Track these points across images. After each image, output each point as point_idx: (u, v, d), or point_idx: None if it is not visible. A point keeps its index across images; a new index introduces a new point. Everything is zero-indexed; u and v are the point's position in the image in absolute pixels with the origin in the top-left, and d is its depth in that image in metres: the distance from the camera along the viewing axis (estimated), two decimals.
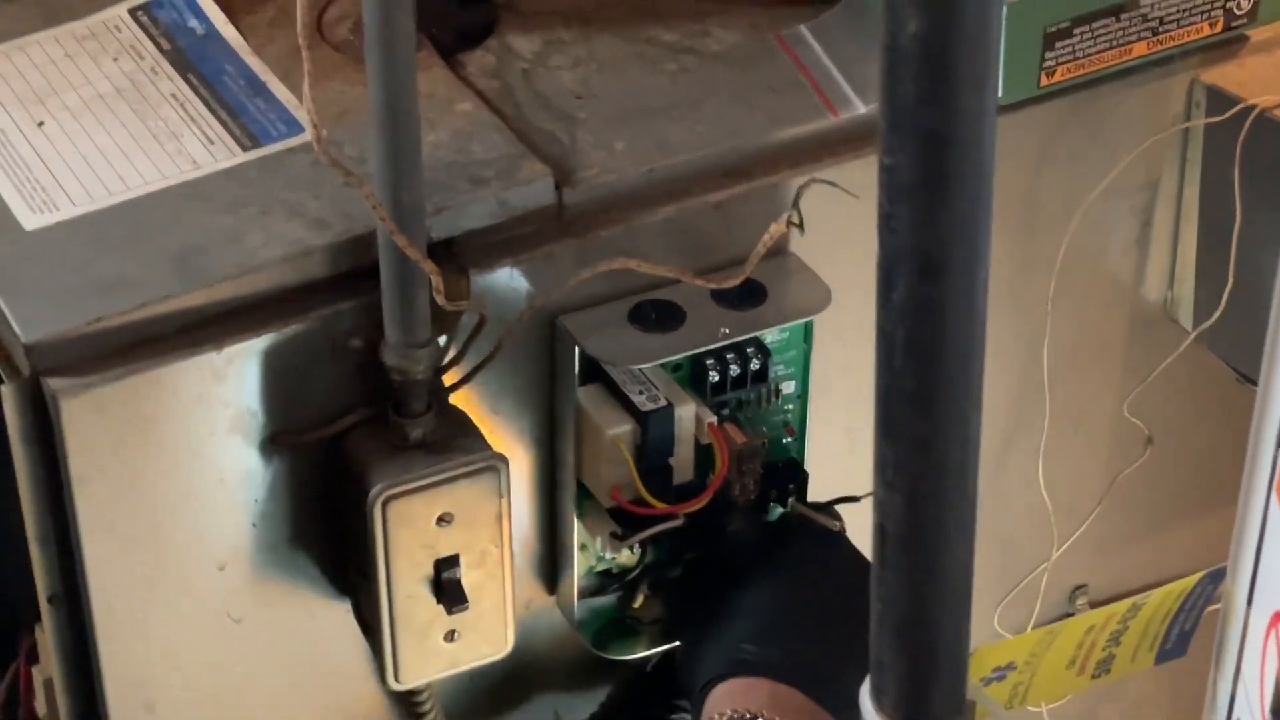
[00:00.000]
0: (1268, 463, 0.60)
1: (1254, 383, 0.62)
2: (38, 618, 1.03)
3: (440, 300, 0.94)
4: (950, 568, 0.66)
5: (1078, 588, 1.18)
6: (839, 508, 1.09)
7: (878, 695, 0.70)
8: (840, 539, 1.06)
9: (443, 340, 0.99)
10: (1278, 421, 0.59)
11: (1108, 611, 0.74)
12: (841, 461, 1.13)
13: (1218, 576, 0.70)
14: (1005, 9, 1.03)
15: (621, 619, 1.08)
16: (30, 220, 0.98)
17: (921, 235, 0.60)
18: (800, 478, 1.09)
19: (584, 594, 1.07)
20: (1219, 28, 1.10)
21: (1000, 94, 1.06)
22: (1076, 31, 1.06)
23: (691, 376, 1.04)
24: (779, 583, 1.02)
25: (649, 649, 1.08)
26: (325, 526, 1.02)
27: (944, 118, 0.58)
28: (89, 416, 0.93)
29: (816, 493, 1.09)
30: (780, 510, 1.08)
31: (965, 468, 0.64)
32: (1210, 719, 0.67)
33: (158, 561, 0.99)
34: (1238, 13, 1.10)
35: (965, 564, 0.67)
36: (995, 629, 1.14)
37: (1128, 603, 0.74)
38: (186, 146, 1.01)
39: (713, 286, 1.00)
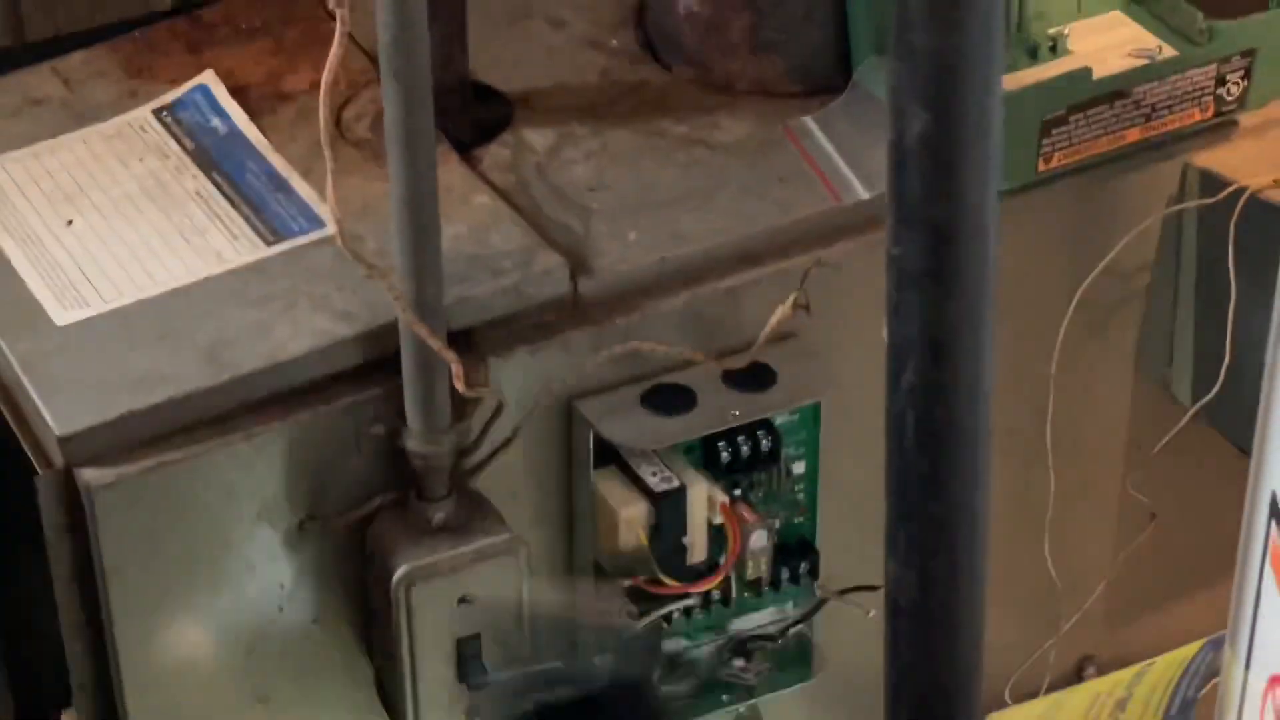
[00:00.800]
0: (1261, 531, 0.63)
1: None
2: (66, 702, 1.05)
3: (460, 388, 0.97)
4: (962, 640, 0.69)
5: (1085, 658, 1.21)
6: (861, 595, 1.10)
7: None
8: None
9: (463, 427, 1.01)
10: (1270, 491, 0.62)
11: (1113, 679, 0.76)
12: (853, 539, 1.15)
13: (1219, 643, 0.73)
14: (1004, 97, 1.06)
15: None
16: (61, 316, 1.01)
17: (929, 323, 0.63)
18: (812, 557, 1.11)
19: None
20: (1210, 113, 1.13)
21: (1000, 181, 1.09)
22: (1072, 119, 1.10)
23: (704, 458, 1.07)
24: None
25: None
26: (350, 608, 1.04)
27: (949, 211, 0.61)
28: (122, 506, 0.95)
29: (828, 571, 1.12)
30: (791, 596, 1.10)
31: (974, 544, 0.67)
32: None
33: (188, 647, 1.01)
34: (1228, 99, 1.13)
35: (976, 636, 0.69)
36: (1006, 701, 1.17)
37: (1133, 670, 0.76)
38: (212, 242, 1.04)
39: (722, 368, 1.03)
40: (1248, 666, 0.65)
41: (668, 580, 1.05)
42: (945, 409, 0.64)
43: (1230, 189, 1.12)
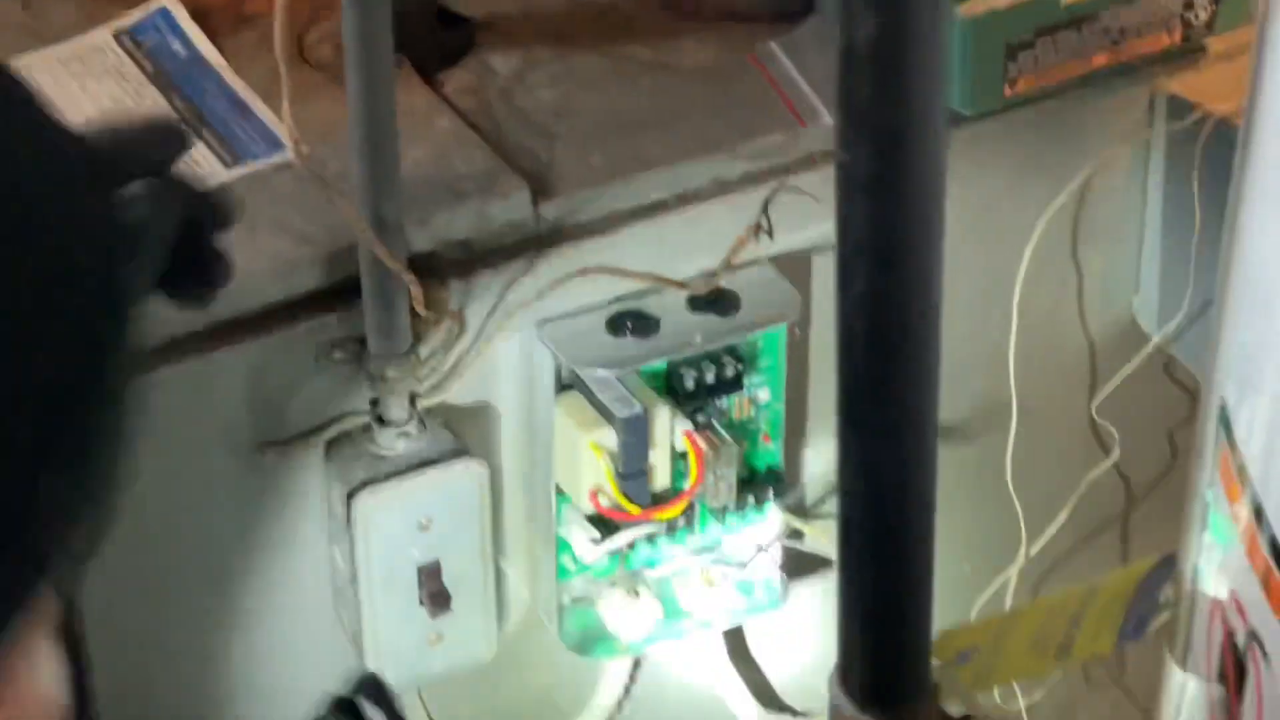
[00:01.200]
0: (1209, 452, 0.63)
1: None
2: None
3: (420, 310, 0.97)
4: (912, 553, 0.69)
5: (1049, 585, 1.21)
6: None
7: (844, 678, 0.73)
8: None
9: (424, 350, 1.01)
10: (1219, 399, 0.62)
11: (1066, 596, 0.76)
12: (819, 466, 1.15)
13: (1173, 560, 0.73)
14: (970, 22, 1.06)
15: (601, 622, 1.10)
16: None
17: (878, 230, 0.63)
18: (778, 483, 1.11)
19: (563, 598, 1.10)
20: (1178, 38, 1.13)
21: (965, 106, 1.08)
22: (1039, 43, 1.09)
23: (668, 385, 1.07)
24: None
25: (628, 652, 1.10)
26: (312, 531, 1.04)
27: (897, 117, 0.60)
28: None
29: (794, 498, 1.12)
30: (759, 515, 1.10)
31: (924, 454, 0.67)
32: (1163, 694, 0.70)
33: (149, 573, 1.01)
34: (1196, 23, 1.13)
35: (927, 549, 0.69)
36: None
37: (1086, 585, 0.76)
38: None
39: (686, 293, 1.02)
40: (1197, 579, 0.65)
41: (630, 506, 1.05)
42: (894, 317, 0.64)
43: (1197, 114, 1.12)
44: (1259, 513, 0.58)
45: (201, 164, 1.04)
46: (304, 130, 1.04)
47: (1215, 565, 0.63)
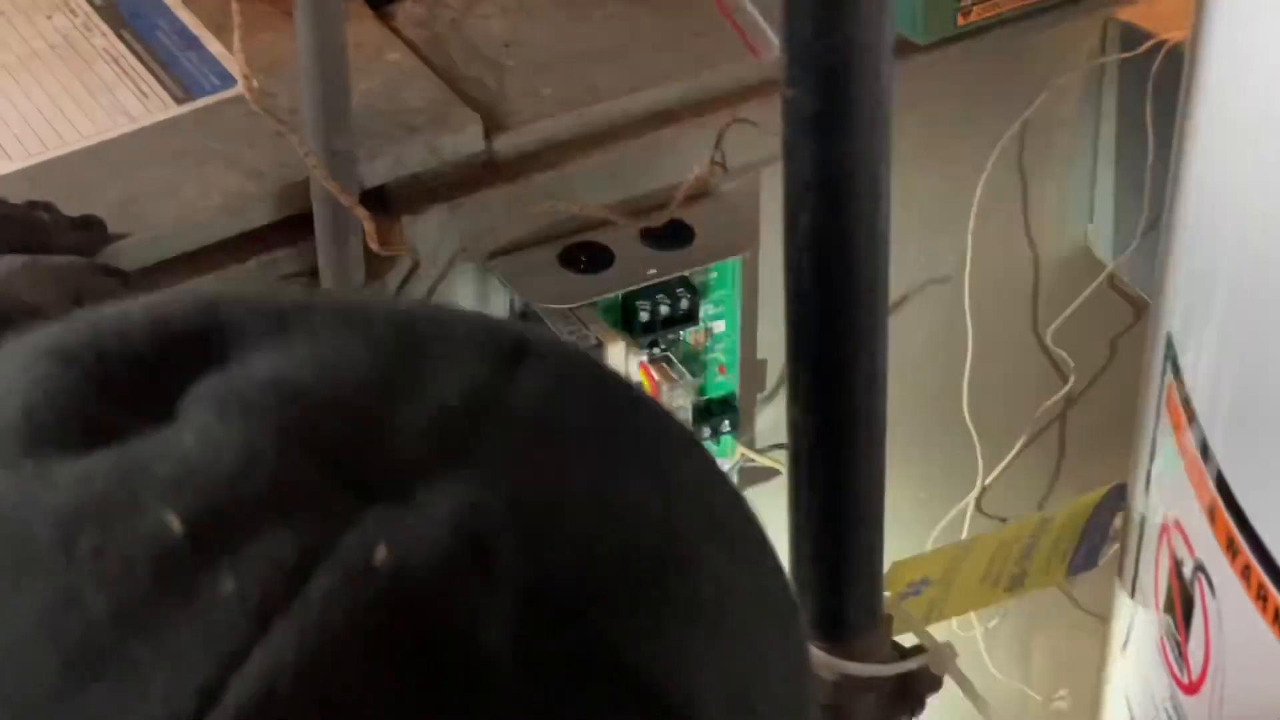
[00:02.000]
0: (1157, 373, 0.63)
1: None
2: None
3: (373, 245, 0.96)
4: (861, 484, 0.69)
5: (1004, 519, 1.22)
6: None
7: None
8: None
9: (377, 285, 1.01)
10: (1165, 333, 0.62)
11: (1019, 525, 0.77)
12: (777, 400, 1.16)
13: (1122, 491, 0.73)
14: None
15: None
16: None
17: (824, 165, 0.63)
18: (733, 415, 1.11)
19: None
20: None
21: (918, 34, 1.08)
22: None
23: (623, 318, 1.06)
24: None
25: None
26: None
27: (841, 52, 0.60)
28: None
29: (750, 430, 1.12)
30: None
31: (873, 386, 0.67)
32: (1113, 623, 0.70)
33: None
34: None
35: (877, 480, 0.70)
36: None
37: (1038, 516, 0.77)
38: (121, 100, 1.03)
39: (639, 225, 1.02)
40: (1145, 508, 0.66)
41: None
42: (841, 251, 0.64)
43: (1150, 42, 1.11)
44: (1204, 445, 0.59)
45: (152, 98, 1.04)
46: (255, 64, 1.03)
47: (1162, 496, 0.63)
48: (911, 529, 1.19)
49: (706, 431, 1.10)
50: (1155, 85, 1.11)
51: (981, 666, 1.29)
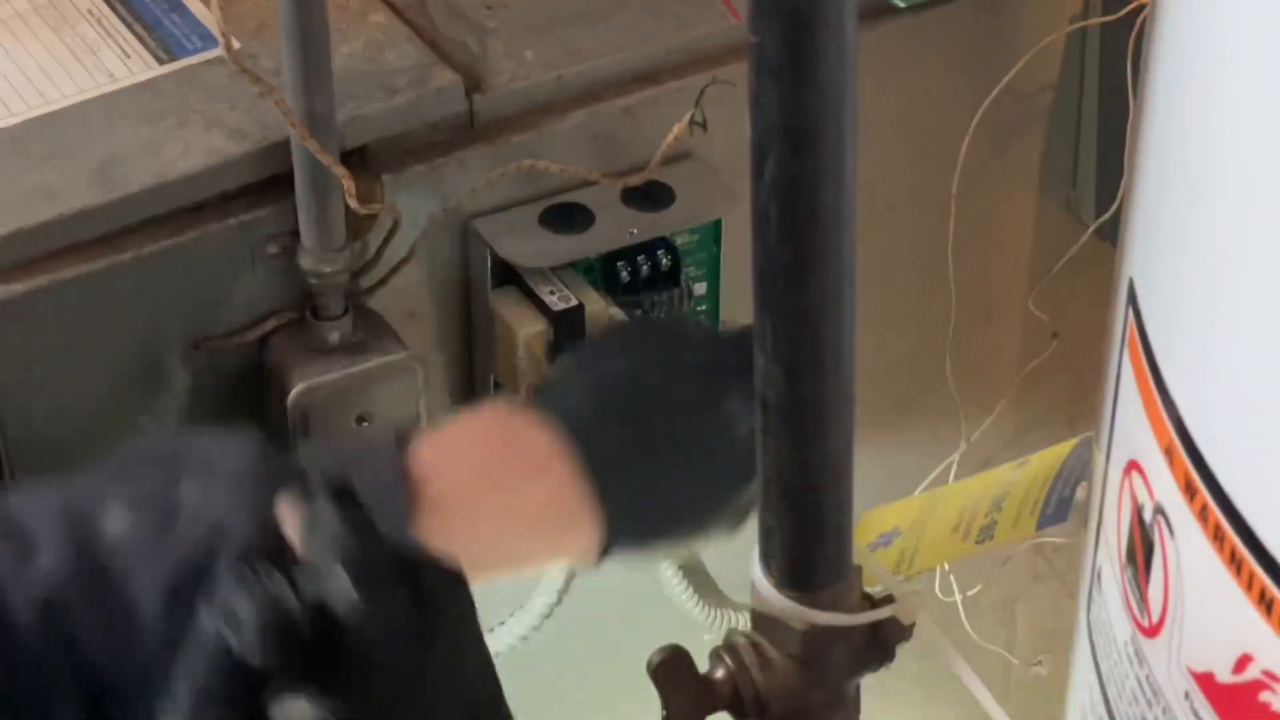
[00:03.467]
0: (1120, 317, 0.63)
1: None
2: None
3: (353, 204, 0.97)
4: (830, 433, 0.69)
5: None
6: None
7: (766, 561, 0.74)
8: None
9: (358, 245, 1.01)
10: (1128, 278, 0.62)
11: (988, 477, 0.77)
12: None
13: (1089, 443, 0.74)
14: None
15: None
16: None
17: (789, 112, 0.63)
18: None
19: None
20: None
21: None
22: None
23: (604, 279, 1.07)
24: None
25: None
26: (249, 429, 1.04)
27: None
28: (13, 324, 0.95)
29: None
30: None
31: (841, 335, 0.67)
32: (1081, 571, 0.70)
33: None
34: None
35: (845, 430, 0.70)
36: None
37: (1007, 467, 0.77)
38: (104, 61, 1.03)
39: (619, 185, 1.03)
40: (1109, 454, 0.66)
41: None
42: (808, 199, 0.64)
43: (1131, 5, 1.12)
44: (1163, 387, 0.59)
45: (134, 58, 1.04)
46: (238, 25, 1.04)
47: (1124, 441, 0.64)
48: (893, 492, 1.19)
49: None
50: (1136, 49, 1.12)
51: (962, 631, 1.29)
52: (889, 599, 0.75)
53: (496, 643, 1.18)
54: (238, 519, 0.70)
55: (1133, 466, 0.63)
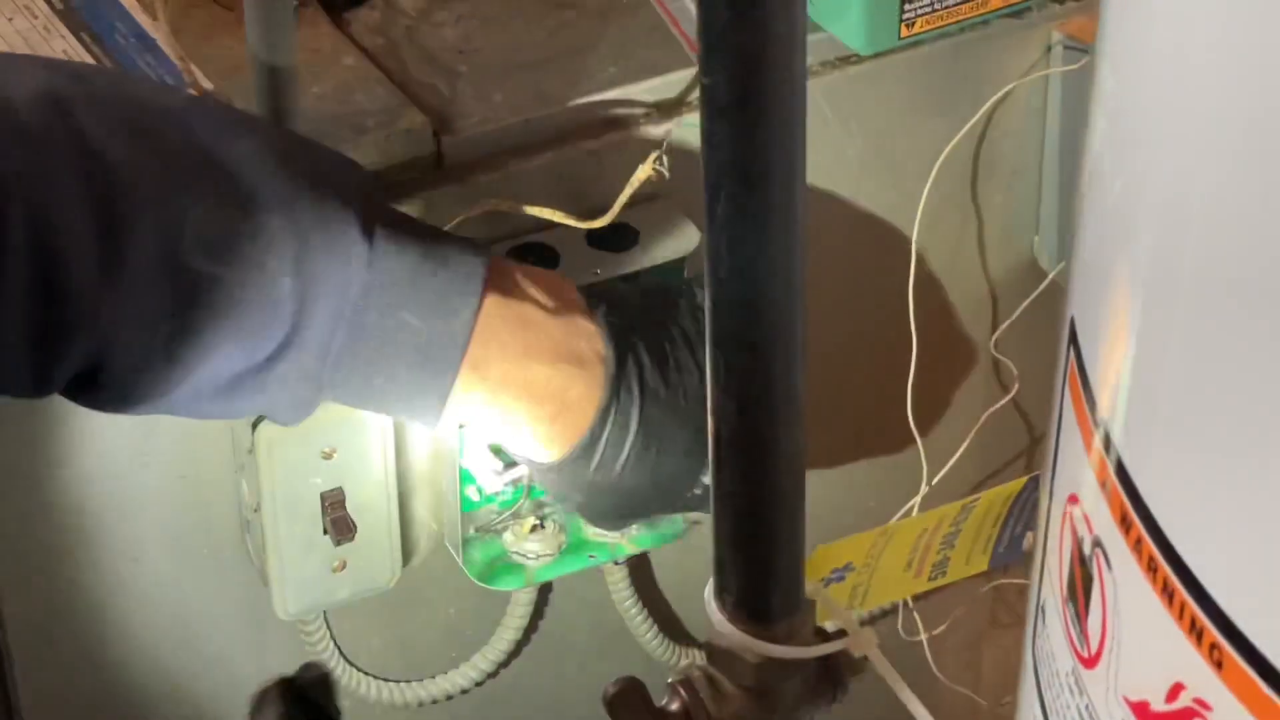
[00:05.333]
0: (1063, 357, 0.65)
1: None
2: None
3: None
4: (781, 468, 0.71)
5: None
6: None
7: (720, 595, 0.75)
8: None
9: None
10: (1070, 316, 0.64)
11: (939, 513, 0.78)
12: None
13: (1038, 481, 0.75)
14: None
15: (506, 553, 1.12)
16: None
17: (740, 150, 0.64)
18: None
19: (468, 528, 1.11)
20: None
21: (862, 45, 1.10)
22: None
23: None
24: None
25: (533, 582, 1.12)
26: (215, 461, 1.05)
27: (756, 39, 0.62)
28: None
29: None
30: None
31: (791, 370, 0.69)
32: (1027, 605, 0.72)
33: (55, 502, 1.02)
34: None
35: (796, 464, 0.71)
36: None
37: (958, 504, 0.78)
38: None
39: (583, 226, 1.04)
40: (1052, 489, 0.68)
41: None
42: (758, 236, 0.66)
43: (1090, 57, 1.13)
44: (1100, 423, 0.61)
45: None
46: (211, 67, 1.05)
47: (1066, 476, 0.65)
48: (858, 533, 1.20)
49: None
50: None
51: (928, 672, 1.30)
52: (841, 633, 0.76)
53: (461, 680, 1.19)
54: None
55: (1073, 501, 0.64)
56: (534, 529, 1.12)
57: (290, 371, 0.82)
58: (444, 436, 1.10)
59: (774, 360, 0.68)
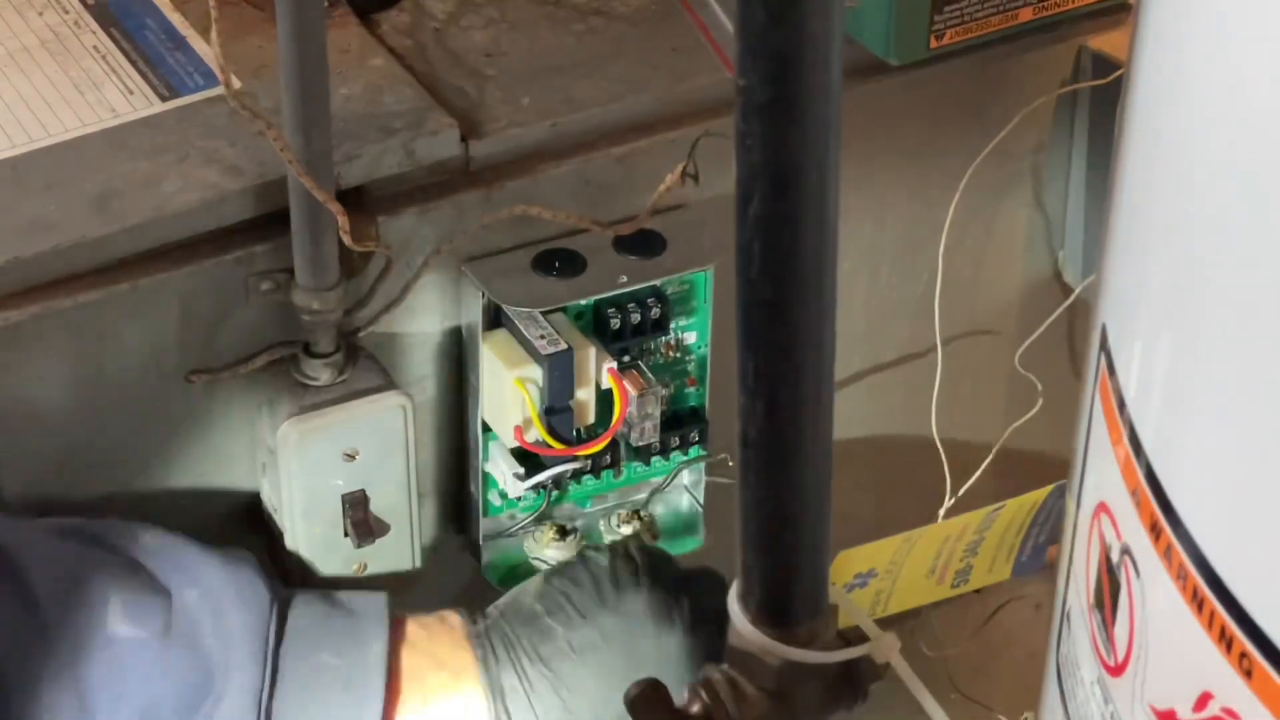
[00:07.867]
0: (1093, 365, 0.65)
1: None
2: None
3: (347, 240, 0.98)
4: (808, 471, 0.71)
5: None
6: None
7: (744, 599, 0.75)
8: None
9: (352, 284, 1.03)
10: (1101, 324, 0.64)
11: (963, 521, 0.78)
12: None
13: (1064, 490, 0.75)
14: None
15: (527, 560, 1.12)
16: None
17: (774, 152, 0.64)
18: (702, 426, 1.13)
19: (489, 535, 1.11)
20: None
21: (892, 56, 1.10)
22: None
23: (594, 325, 1.08)
24: None
25: None
26: (240, 462, 1.05)
27: (792, 40, 0.62)
28: (6, 353, 0.96)
29: (719, 441, 1.14)
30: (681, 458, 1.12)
31: (821, 373, 0.69)
32: (1051, 613, 0.71)
33: (80, 497, 1.02)
34: None
35: (823, 468, 0.71)
36: None
37: (982, 512, 0.78)
38: (107, 96, 1.05)
39: (610, 232, 1.04)
40: (1080, 497, 0.67)
41: (554, 442, 1.06)
42: (790, 238, 0.66)
43: (1120, 70, 1.13)
44: (1133, 432, 0.60)
45: (136, 94, 1.05)
46: (240, 65, 1.06)
47: (1094, 485, 0.65)
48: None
49: (675, 441, 1.12)
50: None
51: (948, 685, 1.30)
52: (863, 638, 0.76)
53: None
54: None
55: (1102, 509, 0.64)
56: (555, 536, 1.11)
57: None
58: (467, 440, 1.10)
59: (804, 363, 0.68)
